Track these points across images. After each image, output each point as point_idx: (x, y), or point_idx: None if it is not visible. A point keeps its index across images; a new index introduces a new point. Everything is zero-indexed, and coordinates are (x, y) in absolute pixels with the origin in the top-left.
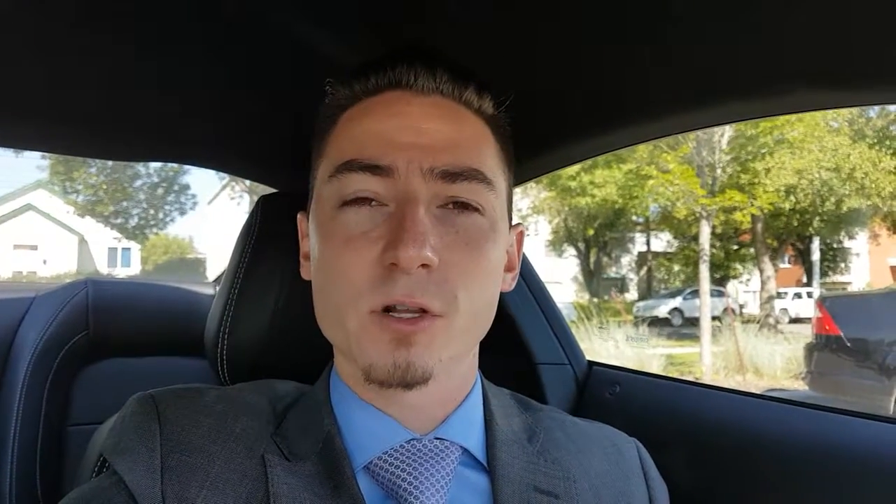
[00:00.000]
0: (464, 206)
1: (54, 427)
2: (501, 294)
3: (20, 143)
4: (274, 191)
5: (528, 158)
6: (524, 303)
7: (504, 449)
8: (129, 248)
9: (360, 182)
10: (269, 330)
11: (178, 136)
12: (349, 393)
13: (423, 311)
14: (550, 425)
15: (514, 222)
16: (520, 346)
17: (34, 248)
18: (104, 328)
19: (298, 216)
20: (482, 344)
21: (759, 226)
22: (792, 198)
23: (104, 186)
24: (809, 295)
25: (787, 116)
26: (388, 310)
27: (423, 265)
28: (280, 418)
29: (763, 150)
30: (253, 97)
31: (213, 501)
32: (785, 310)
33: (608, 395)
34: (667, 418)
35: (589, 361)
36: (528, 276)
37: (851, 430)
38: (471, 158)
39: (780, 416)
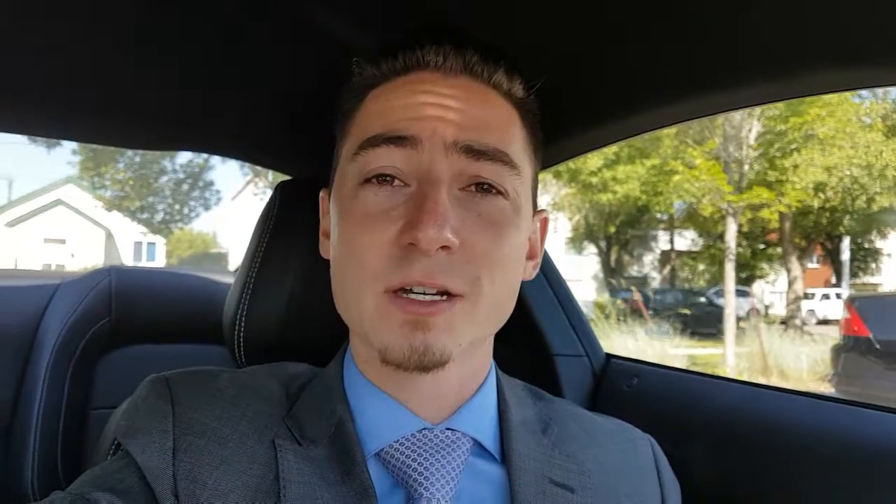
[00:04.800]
0: (487, 189)
1: (76, 411)
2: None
3: (45, 131)
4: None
5: (553, 142)
6: (541, 293)
7: (519, 440)
8: (153, 243)
9: (383, 157)
10: (286, 313)
11: (193, 125)
12: (362, 378)
13: (445, 293)
14: (564, 418)
15: (538, 208)
16: (536, 337)
17: (62, 241)
18: (126, 315)
19: (321, 193)
20: (498, 334)
21: (787, 224)
22: (821, 195)
23: (131, 182)
24: (838, 296)
25: (817, 112)
26: (405, 290)
27: (444, 247)
28: (293, 399)
29: (792, 147)
30: (268, 84)
31: (224, 484)
32: (812, 311)
33: (626, 387)
34: (685, 411)
35: (606, 354)
36: (545, 267)
37: (874, 424)
38: (497, 140)
39: (801, 410)
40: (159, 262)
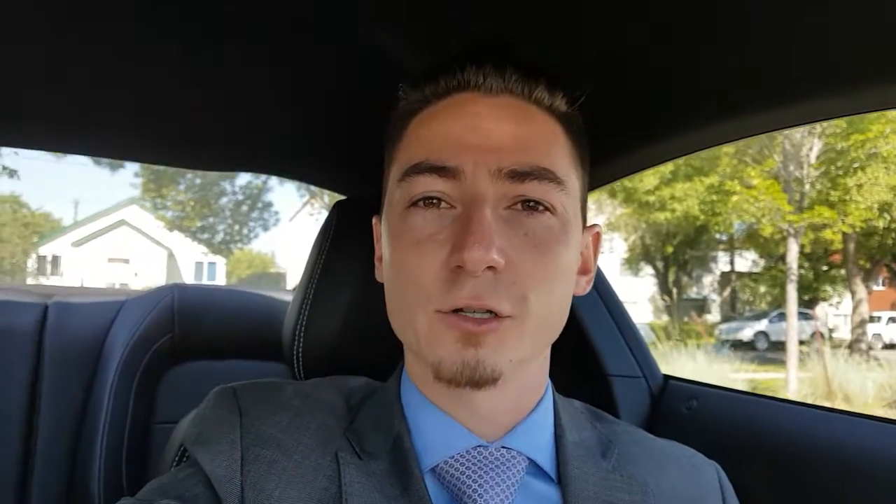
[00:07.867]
0: (533, 206)
1: (140, 424)
2: (573, 303)
3: (96, 151)
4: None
5: (604, 160)
6: (596, 312)
7: (576, 465)
8: (214, 263)
9: (427, 184)
10: (343, 328)
11: (246, 145)
12: (418, 394)
13: (493, 314)
14: (626, 440)
15: (588, 223)
16: (591, 357)
17: (126, 261)
18: (189, 331)
19: (374, 220)
20: (553, 354)
21: (851, 245)
22: (886, 216)
23: (191, 203)
24: None
25: (880, 129)
26: (455, 311)
27: (490, 267)
28: (354, 412)
29: (854, 165)
30: (320, 103)
31: (289, 495)
32: (878, 335)
33: (684, 409)
34: (746, 434)
35: (664, 375)
36: (599, 285)
37: None
38: (540, 157)
39: (870, 434)
40: (220, 281)
